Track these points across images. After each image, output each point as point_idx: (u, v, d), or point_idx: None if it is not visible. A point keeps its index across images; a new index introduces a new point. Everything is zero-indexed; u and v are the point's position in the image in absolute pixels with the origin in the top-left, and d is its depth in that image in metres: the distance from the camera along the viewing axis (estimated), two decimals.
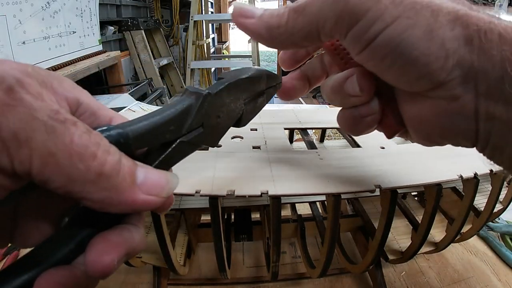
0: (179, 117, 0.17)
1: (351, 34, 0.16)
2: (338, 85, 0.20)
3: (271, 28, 0.19)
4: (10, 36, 0.90)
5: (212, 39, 3.37)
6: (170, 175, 0.15)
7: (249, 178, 0.28)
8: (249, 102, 0.22)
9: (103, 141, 0.13)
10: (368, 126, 0.21)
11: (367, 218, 0.44)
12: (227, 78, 0.20)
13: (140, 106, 1.14)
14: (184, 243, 0.42)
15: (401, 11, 0.15)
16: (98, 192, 0.12)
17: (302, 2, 0.18)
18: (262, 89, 0.23)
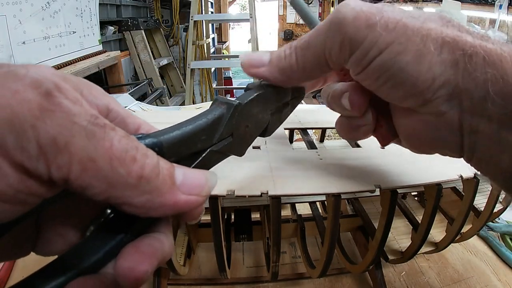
0: (210, 126, 0.17)
1: (352, 59, 0.18)
2: (336, 97, 0.22)
3: (285, 71, 0.20)
4: (10, 36, 0.90)
5: (212, 39, 3.37)
6: (209, 174, 0.15)
7: (249, 178, 0.28)
8: (275, 112, 0.23)
9: (140, 145, 0.13)
10: (363, 135, 0.23)
11: (367, 218, 0.44)
12: (255, 89, 0.21)
13: (140, 106, 1.14)
14: (184, 243, 0.42)
15: (394, 37, 0.17)
16: (139, 195, 0.12)
17: (305, 39, 0.20)
18: (288, 99, 0.24)
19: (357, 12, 0.17)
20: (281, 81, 0.21)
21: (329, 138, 0.58)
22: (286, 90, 0.23)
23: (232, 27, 6.75)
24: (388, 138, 0.23)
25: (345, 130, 0.24)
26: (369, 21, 0.17)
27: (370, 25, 0.17)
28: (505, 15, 1.83)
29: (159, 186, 0.13)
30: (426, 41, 0.17)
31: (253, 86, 0.21)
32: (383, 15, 0.17)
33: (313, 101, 4.32)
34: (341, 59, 0.19)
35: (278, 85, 0.22)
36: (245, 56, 0.22)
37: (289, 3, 0.25)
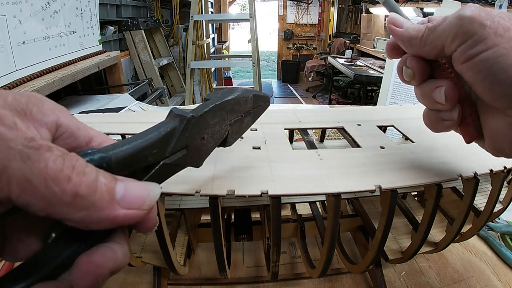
0: (162, 140, 0.17)
1: (461, 48, 0.21)
2: (428, 90, 0.25)
3: (411, 38, 0.24)
4: (10, 36, 0.90)
5: (212, 39, 3.37)
6: (151, 186, 0.16)
7: (249, 178, 0.28)
8: (235, 123, 0.23)
9: (78, 162, 0.14)
10: (447, 128, 0.26)
11: (367, 218, 0.44)
12: (212, 100, 0.21)
13: (140, 106, 1.14)
14: (184, 243, 0.42)
15: (500, 41, 0.20)
16: (76, 212, 0.13)
17: (435, 24, 0.23)
18: (249, 109, 0.24)
19: (474, 13, 0.21)
20: (404, 44, 0.25)
21: (329, 138, 0.58)
22: (246, 100, 0.23)
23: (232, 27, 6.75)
24: (473, 135, 0.25)
25: (431, 122, 0.26)
26: (482, 22, 0.20)
27: (483, 25, 0.20)
28: None
29: (96, 202, 0.13)
30: None
31: (211, 96, 0.21)
32: (495, 21, 0.20)
33: (313, 101, 4.32)
34: (454, 46, 0.22)
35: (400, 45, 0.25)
36: (394, 15, 0.26)
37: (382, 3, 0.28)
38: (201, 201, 0.39)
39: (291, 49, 5.36)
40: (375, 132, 0.39)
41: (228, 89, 0.23)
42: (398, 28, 0.26)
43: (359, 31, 4.06)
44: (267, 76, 5.86)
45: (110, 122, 0.41)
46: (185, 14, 2.78)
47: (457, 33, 0.21)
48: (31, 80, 0.96)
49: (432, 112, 0.26)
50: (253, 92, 0.24)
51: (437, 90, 0.24)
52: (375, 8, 3.48)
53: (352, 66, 3.14)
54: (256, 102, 0.24)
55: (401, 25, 0.26)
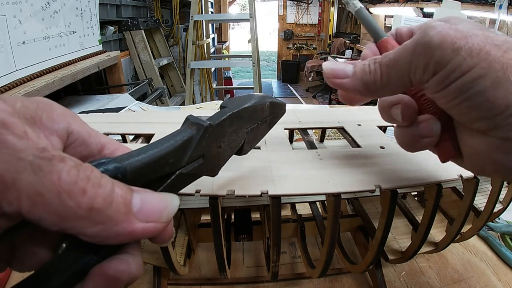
0: (178, 149, 0.16)
1: (434, 79, 0.19)
2: (387, 106, 0.23)
3: (368, 85, 0.21)
4: (10, 36, 0.90)
5: (212, 39, 3.37)
6: (169, 197, 0.15)
7: (249, 178, 0.28)
8: (251, 131, 0.22)
9: (93, 173, 0.13)
10: (425, 147, 0.23)
11: (367, 218, 0.44)
12: (229, 108, 0.20)
13: (140, 106, 1.14)
14: (184, 243, 0.42)
15: (476, 62, 0.18)
16: (91, 226, 0.12)
17: (391, 57, 0.20)
18: (265, 117, 0.23)
19: (443, 36, 0.18)
20: (363, 94, 0.22)
21: (329, 138, 0.58)
22: (263, 107, 0.23)
23: (232, 27, 6.75)
24: (450, 153, 0.22)
25: (406, 141, 0.24)
26: (455, 45, 0.18)
27: (456, 49, 0.18)
28: (505, 15, 1.83)
29: (112, 215, 0.13)
30: (505, 70, 0.17)
31: (228, 104, 0.21)
32: (468, 41, 0.18)
33: (313, 101, 4.32)
34: (424, 79, 0.19)
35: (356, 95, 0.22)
36: (329, 65, 0.22)
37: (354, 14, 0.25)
38: (201, 201, 0.39)
39: (291, 49, 5.36)
40: (375, 132, 0.39)
41: (243, 95, 0.22)
42: (344, 80, 0.22)
43: (359, 31, 4.07)
44: (267, 76, 5.86)
45: (110, 122, 0.41)
46: (185, 14, 2.78)
47: (429, 63, 0.19)
48: (31, 80, 0.96)
49: (407, 129, 0.23)
50: (270, 99, 0.23)
51: (394, 108, 0.23)
52: (375, 8, 3.48)
53: None
54: (273, 110, 0.24)
55: (344, 74, 0.22)
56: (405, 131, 0.23)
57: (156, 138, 0.37)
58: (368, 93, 0.22)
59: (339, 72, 0.22)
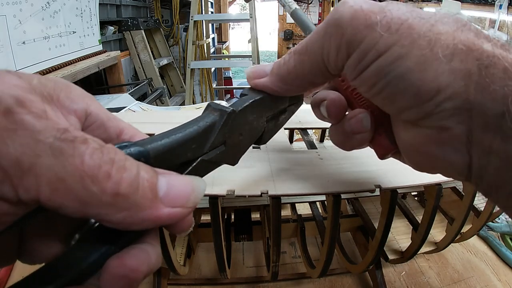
0: (201, 135, 0.16)
1: (348, 63, 0.17)
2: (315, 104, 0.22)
3: (284, 78, 0.19)
4: (10, 36, 0.90)
5: (212, 39, 3.37)
6: (196, 180, 0.14)
7: (249, 178, 0.28)
8: (271, 119, 0.22)
9: (118, 156, 0.12)
10: (359, 144, 0.21)
11: (367, 218, 0.44)
12: (250, 95, 0.20)
13: (140, 106, 1.14)
14: (184, 243, 0.42)
15: (396, 39, 0.15)
16: (117, 213, 0.11)
17: (303, 44, 0.18)
18: (285, 106, 0.23)
19: (355, 11, 0.16)
20: (282, 90, 0.20)
21: (329, 138, 0.58)
22: (283, 97, 0.22)
23: (232, 27, 6.75)
24: (387, 148, 0.21)
25: (339, 139, 0.22)
26: (369, 20, 0.15)
27: (369, 25, 0.15)
28: (505, 15, 1.83)
29: (138, 201, 0.12)
30: (433, 46, 0.15)
31: (249, 92, 0.20)
32: (386, 14, 0.15)
33: None
34: (339, 63, 0.17)
35: (281, 95, 0.21)
36: (250, 68, 0.21)
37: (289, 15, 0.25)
38: (201, 201, 0.39)
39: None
40: None
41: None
42: (263, 79, 0.20)
43: None
44: None
45: None
46: (185, 14, 2.78)
47: (339, 45, 0.16)
48: None
49: (339, 126, 0.21)
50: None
51: (322, 105, 0.21)
52: None
53: None
54: (292, 100, 0.23)
55: (263, 73, 0.20)
56: (337, 129, 0.22)
57: None
58: (286, 87, 0.20)
59: (259, 71, 0.21)
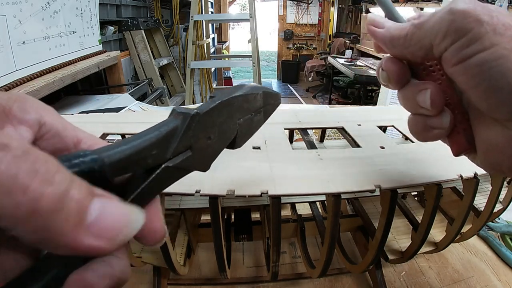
0: (163, 140, 0.15)
1: (453, 47, 0.18)
2: (412, 93, 0.22)
3: (394, 38, 0.22)
4: (10, 36, 0.90)
5: (212, 39, 3.37)
6: (134, 214, 0.13)
7: (249, 178, 0.28)
8: (244, 122, 0.21)
9: (46, 166, 0.10)
10: (435, 137, 0.23)
11: (367, 218, 0.44)
12: (218, 96, 0.19)
13: (140, 106, 1.14)
14: (184, 243, 0.42)
15: (500, 41, 0.17)
16: (32, 233, 0.10)
17: (421, 20, 0.20)
18: (259, 106, 0.22)
19: (468, 7, 0.18)
20: (387, 46, 0.22)
21: (329, 138, 0.58)
22: (256, 97, 0.21)
23: (232, 27, 6.75)
24: (463, 147, 0.22)
25: (417, 130, 0.23)
26: (478, 17, 0.17)
27: (479, 20, 0.17)
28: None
29: (58, 224, 0.10)
30: None
31: (217, 94, 0.20)
32: (493, 16, 0.17)
33: (313, 101, 4.32)
34: (444, 44, 0.19)
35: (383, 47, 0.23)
36: (373, 15, 0.24)
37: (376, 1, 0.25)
38: (201, 201, 0.39)
39: (291, 49, 5.36)
40: (375, 132, 0.39)
41: (235, 86, 0.21)
42: (378, 29, 0.23)
43: (359, 31, 4.06)
44: (267, 76, 5.86)
45: (110, 122, 0.41)
46: (185, 14, 2.78)
47: (449, 29, 0.18)
48: (31, 80, 0.96)
49: (418, 118, 0.23)
50: (263, 88, 0.22)
51: (421, 93, 0.21)
52: (375, 8, 3.48)
53: (352, 66, 3.14)
54: (266, 100, 0.22)
55: (381, 25, 0.23)
56: (418, 119, 0.23)
57: None
58: (392, 46, 0.22)
59: (379, 22, 0.23)
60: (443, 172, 0.30)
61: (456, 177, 0.29)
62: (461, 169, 0.30)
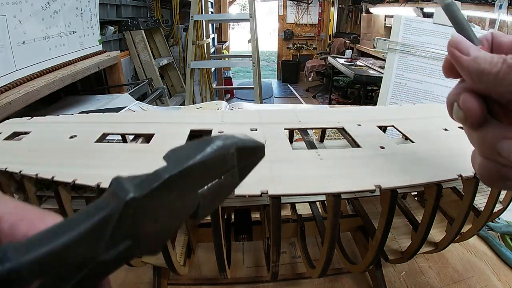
0: (92, 234, 0.13)
1: None
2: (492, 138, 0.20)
3: (482, 73, 0.19)
4: (10, 36, 0.90)
5: (212, 39, 3.37)
6: None
7: (249, 178, 0.28)
8: (209, 190, 0.16)
9: None
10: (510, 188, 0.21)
11: (367, 218, 0.44)
12: (170, 165, 0.15)
13: (140, 106, 1.14)
14: (184, 243, 0.42)
15: None
16: None
17: None
18: (230, 168, 0.17)
19: None
20: (471, 79, 0.20)
21: (329, 138, 0.58)
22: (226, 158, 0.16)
23: (232, 27, 6.74)
24: None
25: (491, 178, 0.20)
26: None
27: None
28: (505, 15, 1.83)
29: None
30: None
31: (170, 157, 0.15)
32: None
33: (313, 101, 4.32)
34: None
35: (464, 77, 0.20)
36: (458, 37, 0.21)
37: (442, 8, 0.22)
38: None
39: (291, 49, 5.35)
40: (375, 132, 0.39)
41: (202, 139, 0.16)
42: (464, 56, 0.20)
43: (359, 31, 4.06)
44: (267, 76, 5.86)
45: (110, 122, 0.41)
46: (185, 14, 2.78)
47: None
48: (31, 80, 0.96)
49: (492, 164, 0.20)
50: (238, 142, 0.17)
51: (506, 142, 0.19)
52: (375, 8, 3.48)
53: (352, 66, 3.14)
54: (243, 158, 0.17)
55: (466, 51, 0.20)
56: (492, 166, 0.20)
57: (156, 138, 0.37)
58: (477, 80, 0.19)
59: (464, 47, 0.20)
60: (443, 172, 0.30)
61: (456, 177, 0.29)
62: (461, 169, 0.30)
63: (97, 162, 0.31)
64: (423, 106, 0.50)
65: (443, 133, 0.39)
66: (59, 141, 0.36)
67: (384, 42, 1.00)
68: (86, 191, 0.37)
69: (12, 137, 0.38)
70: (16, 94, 0.84)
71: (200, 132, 0.40)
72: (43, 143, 0.36)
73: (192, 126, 0.40)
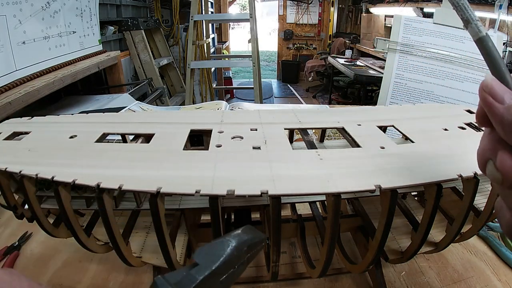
0: None
1: None
2: None
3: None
4: (10, 36, 0.90)
5: (212, 39, 3.37)
6: None
7: (249, 178, 0.28)
8: (227, 277, 0.21)
9: None
10: None
11: (367, 218, 0.44)
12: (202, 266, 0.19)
13: (140, 106, 1.14)
14: (184, 243, 0.42)
15: None
16: None
17: None
18: (242, 260, 0.22)
19: None
20: (502, 130, 0.18)
21: (329, 138, 0.58)
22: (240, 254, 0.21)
23: (232, 27, 6.75)
24: None
25: None
26: None
27: None
28: (505, 15, 1.83)
29: None
30: None
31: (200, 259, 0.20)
32: None
33: (313, 101, 4.32)
34: None
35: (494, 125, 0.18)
36: (491, 80, 0.18)
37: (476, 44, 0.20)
38: (201, 201, 0.39)
39: (291, 49, 5.35)
40: (375, 132, 0.39)
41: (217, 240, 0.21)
42: (497, 104, 0.18)
43: (359, 31, 4.06)
44: (267, 76, 5.86)
45: (110, 122, 0.41)
46: (185, 14, 2.78)
47: None
48: (31, 80, 0.96)
49: None
50: (248, 241, 0.22)
51: None
52: (375, 8, 3.48)
53: (352, 66, 3.14)
54: (251, 250, 0.22)
55: (501, 98, 0.18)
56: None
57: (156, 138, 0.37)
58: (508, 131, 0.17)
59: (498, 94, 0.18)
60: (443, 172, 0.30)
61: (456, 177, 0.29)
62: (461, 169, 0.30)
63: (97, 162, 0.31)
64: (423, 106, 0.50)
65: (443, 133, 0.39)
66: (59, 141, 0.36)
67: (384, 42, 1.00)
68: (86, 191, 0.37)
69: (12, 137, 0.38)
70: (16, 94, 0.84)
71: (200, 132, 0.40)
72: (43, 143, 0.36)
73: (192, 126, 0.40)
